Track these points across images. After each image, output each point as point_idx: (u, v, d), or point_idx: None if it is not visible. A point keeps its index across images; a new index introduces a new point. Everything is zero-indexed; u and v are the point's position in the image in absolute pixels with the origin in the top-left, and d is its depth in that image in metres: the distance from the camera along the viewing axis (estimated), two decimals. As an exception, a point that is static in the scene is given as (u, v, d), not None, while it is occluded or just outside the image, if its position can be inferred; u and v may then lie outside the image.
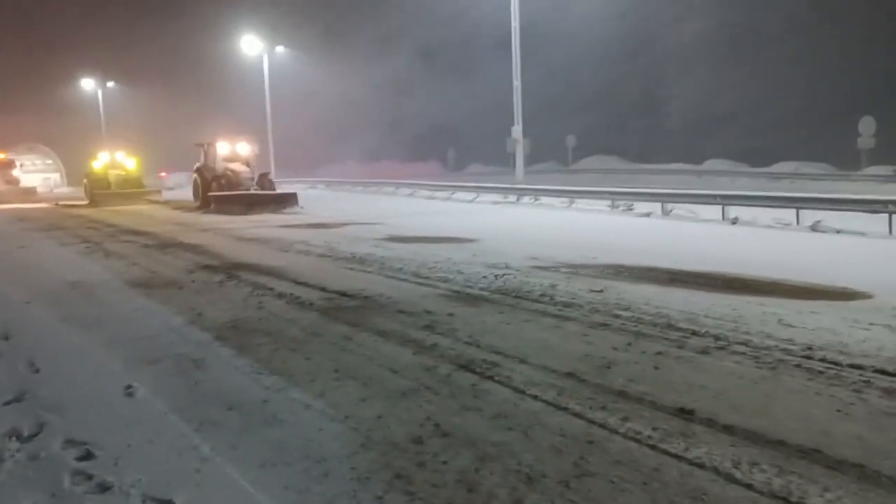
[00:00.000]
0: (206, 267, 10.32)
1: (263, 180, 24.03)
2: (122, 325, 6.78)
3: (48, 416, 4.32)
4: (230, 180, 23.13)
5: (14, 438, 4.01)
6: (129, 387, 4.77)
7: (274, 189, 23.76)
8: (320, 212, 20.03)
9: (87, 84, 55.11)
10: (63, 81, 54.06)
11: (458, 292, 8.02)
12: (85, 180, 31.63)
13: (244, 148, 25.39)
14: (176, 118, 46.23)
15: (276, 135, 42.47)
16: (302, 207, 21.29)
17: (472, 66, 43.04)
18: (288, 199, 21.35)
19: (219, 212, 20.72)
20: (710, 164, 36.88)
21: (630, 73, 41.31)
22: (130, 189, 29.57)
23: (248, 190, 22.66)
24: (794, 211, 14.64)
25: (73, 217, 22.87)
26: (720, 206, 15.99)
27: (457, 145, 51.13)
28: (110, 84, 55.72)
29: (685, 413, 4.11)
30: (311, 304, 7.47)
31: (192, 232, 15.92)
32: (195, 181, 24.93)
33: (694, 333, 5.93)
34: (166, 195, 31.31)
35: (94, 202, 28.52)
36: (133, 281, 9.33)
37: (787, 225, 14.36)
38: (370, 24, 50.20)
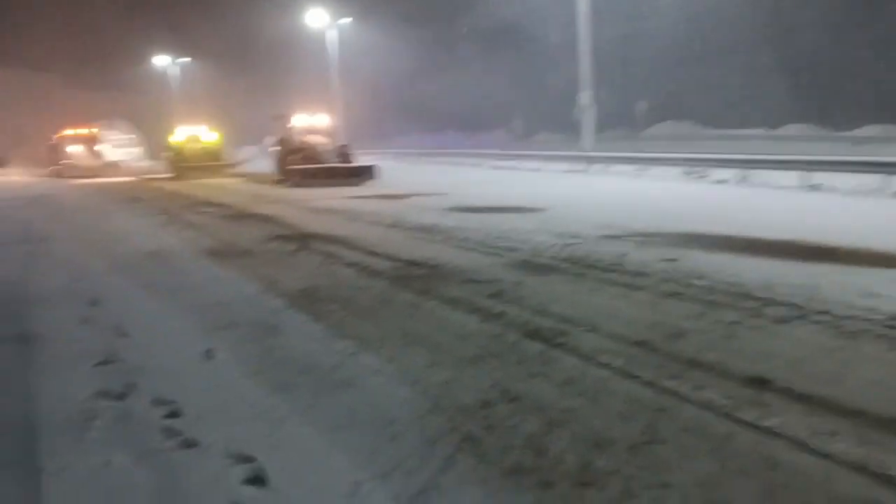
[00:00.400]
0: (280, 237, 10.59)
1: (342, 152, 23.16)
2: (198, 292, 7.04)
3: (135, 377, 4.56)
4: (309, 153, 22.23)
5: (104, 398, 4.24)
6: (209, 351, 4.97)
7: (351, 161, 22.94)
8: (389, 182, 20.16)
9: (159, 60, 56.63)
10: (135, 58, 55.82)
11: (525, 261, 8.00)
12: (166, 154, 31.08)
13: (323, 120, 24.79)
14: (245, 92, 47.16)
15: (345, 107, 42.88)
16: (378, 179, 20.81)
17: (539, 30, 42.18)
18: (366, 172, 20.93)
19: (298, 185, 20.22)
20: (786, 130, 35.40)
21: (700, 35, 39.74)
22: (211, 162, 29.09)
23: (327, 163, 21.88)
24: (880, 176, 13.96)
25: (153, 189, 23.37)
26: (799, 173, 15.38)
27: (525, 113, 50.48)
28: (180, 60, 57.16)
29: (760, 381, 4.02)
30: (381, 272, 7.59)
31: (267, 204, 16.30)
32: (275, 154, 24.26)
33: (770, 302, 5.77)
34: (241, 168, 30.81)
35: (178, 175, 28.20)
36: (208, 250, 9.67)
37: (872, 191, 13.71)
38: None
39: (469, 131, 47.99)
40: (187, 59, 56.93)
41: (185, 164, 28.30)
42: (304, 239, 10.26)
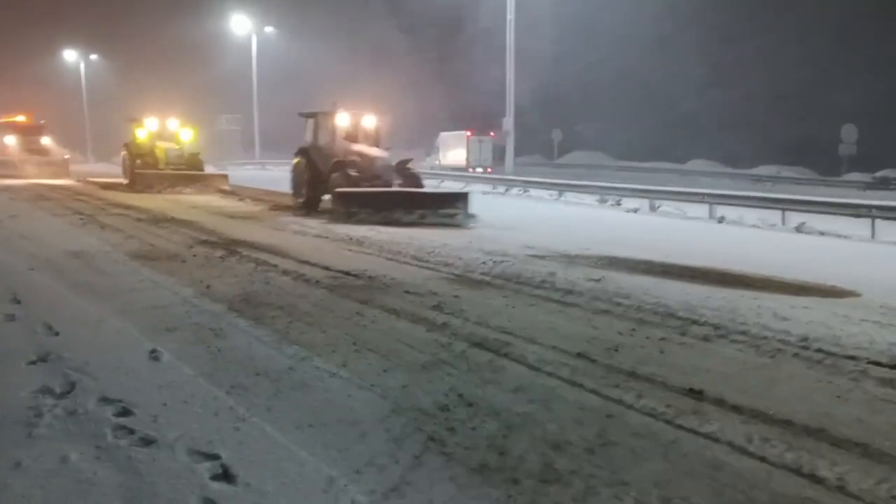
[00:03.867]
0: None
1: (406, 172, 15.90)
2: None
3: (77, 375, 4.42)
4: (361, 169, 15.07)
5: (48, 395, 4.10)
6: (154, 351, 4.88)
7: (420, 182, 15.89)
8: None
9: (70, 56, 54.26)
10: (45, 53, 53.31)
11: (459, 276, 8.19)
12: (124, 153, 23.81)
13: (370, 121, 16.85)
14: (163, 94, 45.72)
15: (262, 113, 42.28)
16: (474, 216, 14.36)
17: (459, 55, 43.02)
18: (459, 201, 14.40)
19: (350, 217, 13.59)
20: (693, 165, 37.42)
21: (615, 68, 41.58)
22: (186, 169, 22.17)
23: (390, 185, 14.95)
24: (779, 212, 15.01)
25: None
26: (707, 205, 16.33)
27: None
28: (93, 57, 54.98)
29: (694, 393, 4.32)
30: (317, 281, 7.59)
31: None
32: (297, 168, 16.80)
33: (694, 322, 6.16)
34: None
35: (134, 183, 21.43)
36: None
37: (772, 225, 14.71)
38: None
39: (396, 148, 48.22)
40: (95, 57, 54.81)
41: (148, 169, 21.77)
42: (300, 266, 10.06)
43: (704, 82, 38.66)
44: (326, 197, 15.64)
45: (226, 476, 3.15)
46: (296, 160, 17.00)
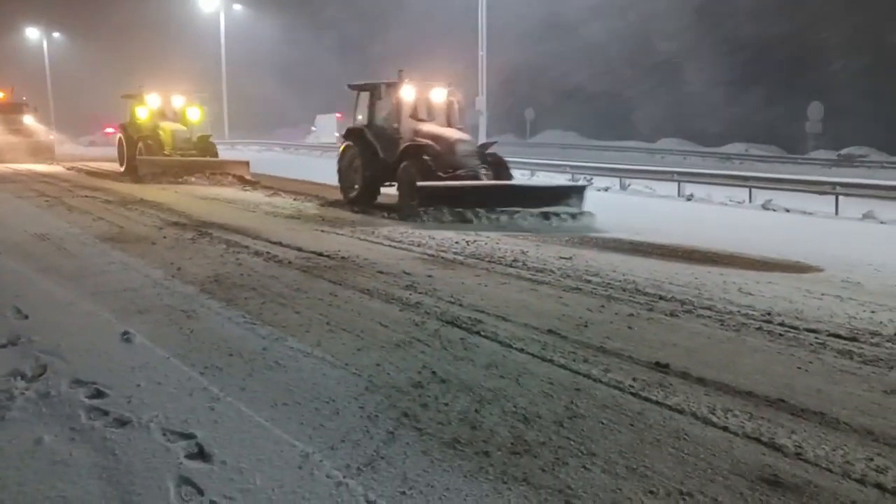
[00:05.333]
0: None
1: (487, 157, 12.76)
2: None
3: (48, 358, 4.41)
4: (437, 156, 11.97)
5: (19, 378, 4.09)
6: (126, 333, 4.87)
7: (509, 172, 12.86)
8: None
9: (32, 33, 52.95)
10: (6, 29, 51.95)
11: (433, 256, 8.24)
12: (118, 135, 21.46)
13: (440, 95, 13.46)
14: (127, 71, 44.80)
15: (231, 94, 41.72)
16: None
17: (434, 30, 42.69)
18: (575, 195, 11.67)
19: (425, 217, 10.94)
20: (663, 143, 37.74)
21: (586, 49, 41.62)
22: (197, 155, 19.24)
23: (477, 175, 12.11)
24: (746, 190, 15.26)
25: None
26: (676, 183, 16.54)
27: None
28: (56, 35, 53.71)
29: (661, 366, 4.44)
30: (289, 262, 7.60)
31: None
32: (346, 154, 13.76)
33: (661, 298, 6.29)
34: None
35: (133, 170, 18.67)
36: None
37: (739, 203, 14.98)
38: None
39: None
40: (57, 34, 53.63)
41: (150, 155, 18.65)
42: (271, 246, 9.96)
43: (675, 61, 38.93)
44: (391, 190, 13.02)
45: (201, 455, 3.19)
46: (343, 145, 14.10)
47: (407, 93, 13.01)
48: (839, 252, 8.88)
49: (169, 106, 20.71)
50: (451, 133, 12.68)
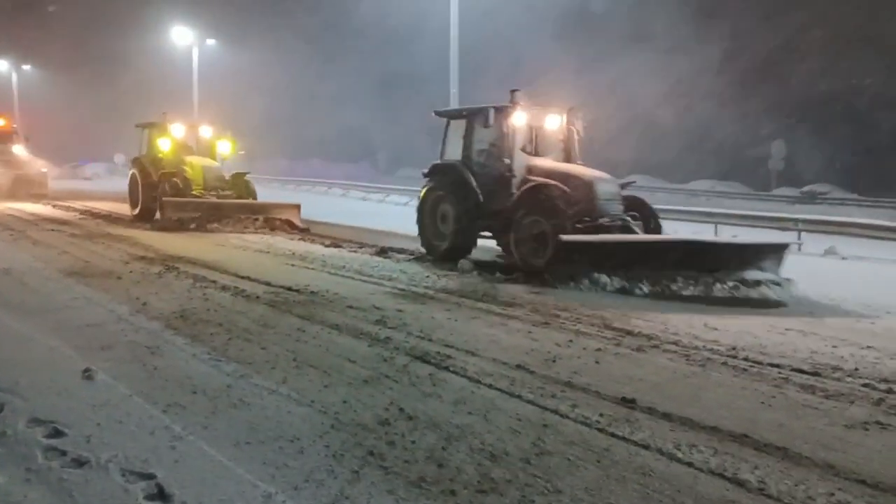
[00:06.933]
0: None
1: (631, 200, 10.38)
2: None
3: (6, 396, 4.29)
4: (571, 200, 9.51)
5: (-27, 418, 3.98)
6: (88, 370, 4.77)
7: (658, 220, 10.37)
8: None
9: (1, 66, 52.57)
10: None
11: (403, 290, 8.24)
12: (133, 171, 17.43)
13: (555, 122, 11.03)
14: (102, 104, 44.60)
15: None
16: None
17: (405, 68, 43.21)
18: (768, 255, 8.87)
19: (567, 280, 8.62)
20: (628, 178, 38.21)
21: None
22: (233, 196, 15.96)
23: (628, 226, 9.70)
24: (712, 226, 15.54)
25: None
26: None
27: (387, 148, 51.33)
28: (26, 67, 53.38)
29: (627, 401, 4.46)
30: (257, 297, 7.53)
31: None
32: (429, 199, 11.16)
33: (628, 333, 6.35)
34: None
35: (147, 214, 16.09)
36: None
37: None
38: (305, 19, 49.76)
39: (335, 161, 48.07)
40: (27, 67, 53.33)
41: (173, 195, 15.22)
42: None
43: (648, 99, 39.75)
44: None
45: (161, 495, 3.12)
46: (425, 188, 11.26)
47: (519, 119, 10.37)
48: (801, 287, 9.03)
49: (195, 137, 17.51)
50: (584, 170, 10.25)
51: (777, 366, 5.38)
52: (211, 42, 39.78)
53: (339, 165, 46.55)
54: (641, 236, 9.57)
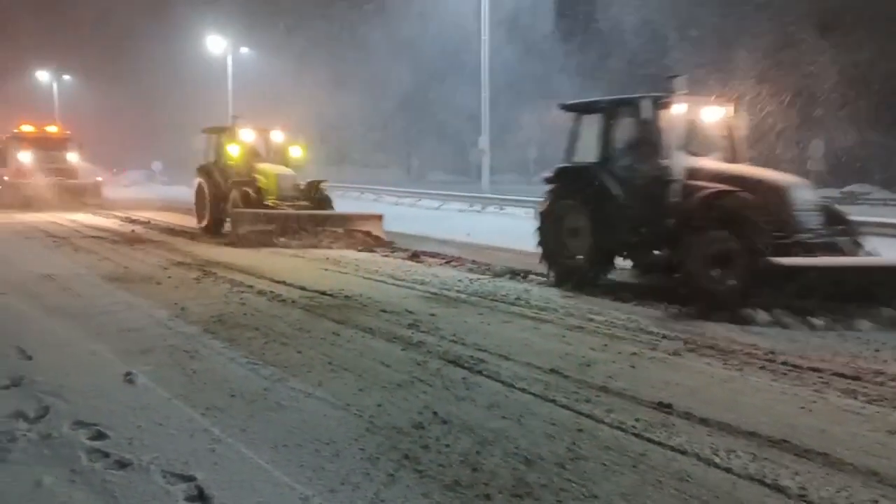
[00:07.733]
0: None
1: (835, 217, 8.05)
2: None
3: (51, 399, 4.42)
4: (759, 212, 7.45)
5: (21, 419, 4.10)
6: (129, 374, 4.88)
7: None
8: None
9: (42, 76, 53.96)
10: (14, 72, 52.93)
11: (436, 294, 8.26)
12: (199, 180, 15.88)
13: (717, 115, 9.01)
14: (138, 112, 45.42)
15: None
16: None
17: (438, 70, 43.29)
18: None
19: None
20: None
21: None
22: (310, 206, 14.32)
23: (836, 246, 7.64)
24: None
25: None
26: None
27: (419, 153, 51.47)
28: (66, 77, 54.71)
29: (663, 406, 4.42)
30: (293, 301, 7.62)
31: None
32: (552, 209, 9.40)
33: (664, 337, 6.28)
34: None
35: (215, 226, 14.99)
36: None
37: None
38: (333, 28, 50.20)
39: (365, 166, 48.32)
40: (67, 77, 54.68)
41: (256, 207, 13.74)
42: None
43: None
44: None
45: (201, 497, 3.18)
46: (549, 197, 9.47)
47: (680, 111, 8.56)
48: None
49: (268, 143, 16.07)
50: (772, 174, 8.33)
51: (817, 370, 5.27)
52: (244, 50, 40.30)
53: (370, 171, 46.83)
54: (875, 259, 7.68)
